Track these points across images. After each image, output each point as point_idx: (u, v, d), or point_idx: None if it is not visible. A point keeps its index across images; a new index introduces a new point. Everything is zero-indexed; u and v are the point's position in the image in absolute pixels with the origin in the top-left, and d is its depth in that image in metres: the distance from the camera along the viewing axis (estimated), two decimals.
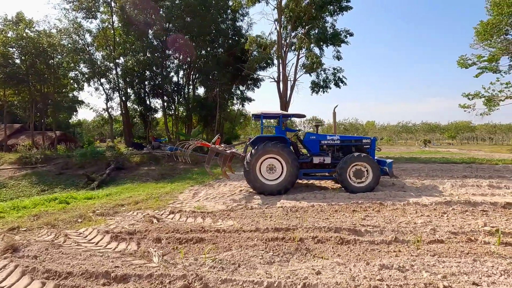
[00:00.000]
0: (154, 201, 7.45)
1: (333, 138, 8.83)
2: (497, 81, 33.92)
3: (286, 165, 8.03)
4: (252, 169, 7.99)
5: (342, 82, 15.99)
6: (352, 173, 7.94)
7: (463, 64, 37.31)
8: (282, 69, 14.91)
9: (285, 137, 8.59)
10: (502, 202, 5.96)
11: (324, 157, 8.50)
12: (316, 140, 8.80)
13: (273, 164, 8.16)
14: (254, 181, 8.03)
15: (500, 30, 34.23)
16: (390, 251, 3.77)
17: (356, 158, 7.90)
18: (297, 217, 5.46)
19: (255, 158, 7.98)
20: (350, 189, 7.86)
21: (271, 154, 8.08)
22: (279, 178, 8.09)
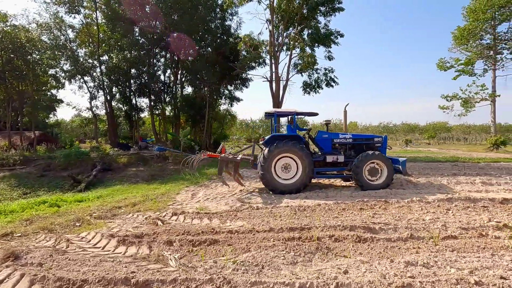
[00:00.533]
0: (152, 203, 7.18)
1: (346, 137, 8.81)
2: (473, 83, 35.93)
3: (301, 164, 7.94)
4: (267, 168, 7.83)
5: (334, 82, 16.22)
6: (367, 171, 8.02)
7: (442, 66, 39.20)
8: (275, 69, 14.89)
9: (299, 136, 8.52)
10: (499, 198, 6.19)
11: (338, 155, 8.49)
12: (328, 138, 8.73)
13: (288, 163, 8.06)
14: (269, 180, 7.86)
15: (476, 35, 36.22)
16: (410, 248, 3.78)
17: (371, 156, 7.96)
18: (306, 216, 5.41)
19: (270, 157, 7.83)
20: (365, 186, 7.94)
21: (286, 153, 7.97)
22: (294, 177, 7.99)
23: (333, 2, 13.94)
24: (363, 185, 7.95)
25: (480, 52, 36.64)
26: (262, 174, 7.88)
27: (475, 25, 35.85)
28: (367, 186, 7.92)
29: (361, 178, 7.93)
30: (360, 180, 7.94)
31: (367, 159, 7.96)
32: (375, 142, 8.89)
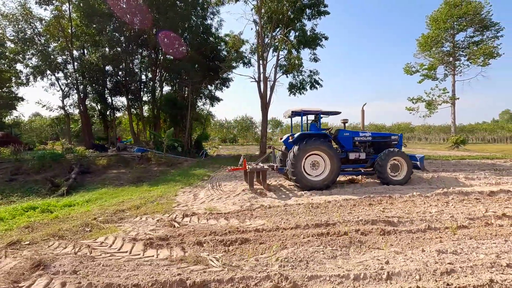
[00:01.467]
0: (155, 205, 6.95)
1: (365, 135, 9.15)
2: (436, 87, 38.89)
3: (329, 161, 8.17)
4: (297, 165, 7.97)
5: (318, 84, 16.73)
6: (390, 167, 8.47)
7: (408, 71, 41.93)
8: (262, 70, 15.03)
9: (327, 134, 8.70)
10: (487, 191, 6.84)
11: (359, 153, 8.84)
12: (349, 136, 9.00)
13: (316, 160, 8.29)
14: (300, 177, 8.00)
15: (438, 43, 39.19)
16: (433, 238, 4.08)
17: (394, 154, 8.47)
18: (322, 212, 5.58)
19: (300, 155, 7.96)
20: (388, 181, 8.39)
21: (315, 150, 8.16)
22: (322, 174, 8.23)
23: (319, 6, 14.42)
24: (385, 180, 8.40)
25: (441, 58, 39.77)
26: (292, 172, 7.98)
27: (437, 33, 38.86)
28: (389, 181, 8.38)
29: (384, 174, 8.37)
30: (383, 176, 8.38)
31: (390, 156, 8.42)
32: (392, 140, 9.34)
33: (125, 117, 29.27)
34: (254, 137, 75.29)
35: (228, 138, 72.75)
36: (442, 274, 2.96)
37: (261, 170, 8.50)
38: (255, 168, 8.41)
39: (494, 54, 35.60)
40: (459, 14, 37.29)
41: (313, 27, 15.02)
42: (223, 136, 72.15)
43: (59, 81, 20.47)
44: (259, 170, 8.53)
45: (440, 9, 39.37)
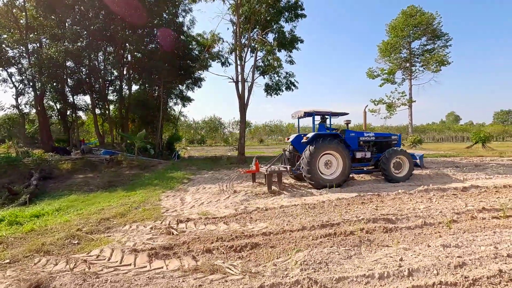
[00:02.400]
0: (142, 212, 6.53)
1: (369, 135, 9.66)
2: (395, 90, 41.77)
3: (342, 160, 8.47)
4: (313, 164, 8.15)
5: (293, 85, 17.04)
6: (393, 165, 8.99)
7: (371, 75, 44.49)
8: (240, 70, 14.91)
9: (339, 134, 8.98)
10: (460, 187, 7.47)
11: (365, 152, 9.31)
12: (355, 137, 9.34)
13: (329, 159, 8.58)
14: (315, 176, 8.20)
15: (396, 49, 42.10)
16: (432, 233, 4.34)
17: (397, 152, 9.05)
18: (320, 213, 5.66)
19: (316, 154, 8.15)
20: (392, 178, 8.93)
21: (329, 150, 8.42)
22: (335, 172, 8.53)
23: (296, 9, 14.70)
24: (390, 177, 8.94)
25: (400, 64, 42.85)
26: (308, 170, 8.13)
27: (395, 40, 41.82)
28: (393, 178, 8.92)
29: (389, 171, 8.91)
30: (388, 173, 8.92)
31: (394, 155, 8.98)
32: (392, 139, 9.93)
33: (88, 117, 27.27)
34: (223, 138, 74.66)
35: (195, 139, 71.27)
36: (456, 268, 3.15)
37: (277, 172, 8.44)
38: (273, 170, 8.37)
39: (445, 62, 39.20)
40: (414, 24, 40.50)
41: (292, 29, 15.34)
42: (190, 137, 70.49)
43: (12, 77, 18.41)
44: (278, 172, 8.46)
45: (398, 18, 42.39)
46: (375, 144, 9.92)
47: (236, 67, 15.05)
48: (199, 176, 12.42)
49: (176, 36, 22.24)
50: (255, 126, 77.28)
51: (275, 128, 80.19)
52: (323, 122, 9.53)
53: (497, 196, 6.68)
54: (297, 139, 9.44)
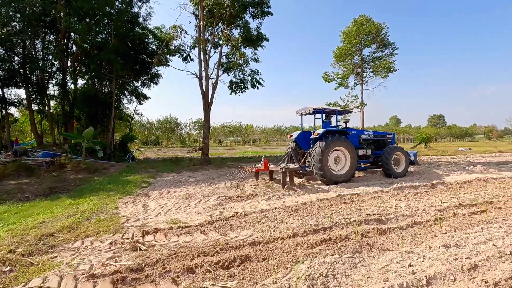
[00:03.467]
0: (96, 223, 5.46)
1: (369, 133, 10.06)
2: (349, 94, 44.14)
3: (350, 156, 8.70)
4: (324, 161, 8.14)
5: (259, 83, 16.63)
6: (393, 161, 9.50)
7: (327, 79, 46.31)
8: (204, 66, 14.01)
9: (347, 131, 9.19)
10: (429, 184, 7.71)
11: (366, 149, 9.65)
12: (356, 135, 9.54)
13: (338, 156, 8.76)
14: (326, 172, 8.23)
15: (350, 55, 44.52)
16: (427, 233, 4.18)
17: (396, 149, 9.70)
18: (305, 216, 5.25)
19: (327, 150, 8.20)
20: (391, 174, 9.40)
21: (338, 146, 8.56)
22: (343, 168, 8.71)
23: (262, 6, 14.32)
24: (390, 173, 9.41)
25: (352, 69, 45.46)
26: (320, 167, 8.14)
27: (349, 46, 44.25)
28: (393, 173, 9.39)
29: (390, 167, 9.38)
30: (389, 168, 9.39)
31: (393, 152, 9.52)
32: (388, 138, 10.46)
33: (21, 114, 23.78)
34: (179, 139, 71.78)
35: (150, 140, 67.38)
36: (470, 271, 2.93)
37: (289, 170, 8.21)
38: (288, 168, 8.20)
39: (391, 69, 42.55)
40: (365, 32, 43.25)
41: (258, 25, 14.90)
42: (144, 138, 66.46)
43: None
44: (292, 169, 8.31)
45: (351, 25, 44.93)
46: (374, 142, 10.27)
47: (199, 62, 14.16)
48: (160, 179, 11.30)
49: (130, 28, 20.46)
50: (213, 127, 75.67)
51: (234, 129, 79.53)
52: (328, 120, 9.78)
53: (463, 192, 7.00)
54: (301, 136, 9.57)
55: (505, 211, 5.15)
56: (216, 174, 11.41)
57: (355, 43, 44.23)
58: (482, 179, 8.46)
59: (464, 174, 10.03)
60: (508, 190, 7.13)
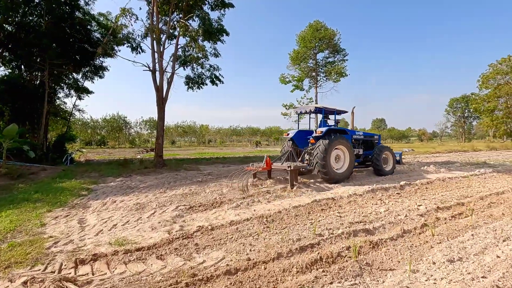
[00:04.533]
0: (6, 251, 4.05)
1: (360, 134, 10.41)
2: (304, 96, 45.30)
3: (349, 155, 8.90)
4: (327, 159, 8.18)
5: (219, 80, 15.54)
6: (382, 160, 9.97)
7: (283, 80, 47.01)
8: (158, 58, 12.52)
9: (346, 130, 9.49)
10: (398, 185, 7.60)
11: (358, 149, 10.04)
12: (349, 135, 9.66)
13: (338, 154, 8.89)
14: (329, 170, 8.26)
15: (305, 59, 45.77)
16: (422, 244, 3.74)
17: (385, 149, 10.22)
18: (283, 228, 4.53)
19: (329, 148, 8.23)
20: (382, 172, 9.89)
21: (339, 144, 8.66)
22: (343, 167, 8.86)
23: None
24: (381, 171, 9.88)
25: (307, 73, 46.81)
26: (323, 165, 8.11)
27: (304, 50, 45.45)
28: (383, 171, 9.89)
29: (381, 165, 9.88)
30: (380, 167, 9.87)
31: (383, 151, 10.02)
32: (375, 139, 10.93)
33: None
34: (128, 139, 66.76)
35: (94, 140, 61.40)
36: None
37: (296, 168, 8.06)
38: (297, 166, 8.16)
39: (343, 74, 44.76)
40: (320, 37, 44.88)
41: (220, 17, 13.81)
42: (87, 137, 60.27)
43: None
44: (299, 168, 8.29)
45: (306, 30, 46.23)
46: (363, 142, 10.59)
47: (152, 54, 12.65)
48: (103, 185, 9.64)
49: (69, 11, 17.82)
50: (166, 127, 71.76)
51: (188, 129, 76.66)
52: (326, 119, 10.02)
53: (430, 193, 6.99)
54: (298, 135, 9.70)
55: (481, 214, 5.07)
56: (172, 178, 10.16)
57: (310, 47, 45.65)
58: (441, 179, 8.71)
59: (429, 174, 10.37)
60: (469, 190, 7.33)
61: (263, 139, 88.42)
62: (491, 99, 37.95)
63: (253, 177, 8.84)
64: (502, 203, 5.95)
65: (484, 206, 5.65)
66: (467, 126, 78.43)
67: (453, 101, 79.78)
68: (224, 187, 8.04)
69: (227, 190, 7.61)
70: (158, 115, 12.91)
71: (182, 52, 14.51)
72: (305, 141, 9.63)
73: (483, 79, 39.91)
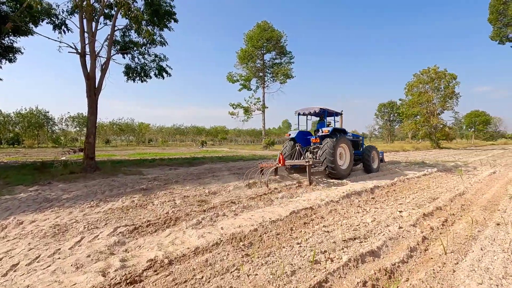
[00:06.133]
0: None
1: (349, 135, 10.90)
2: (252, 96, 44.97)
3: (349, 153, 9.75)
4: (335, 156, 8.83)
5: (166, 72, 13.58)
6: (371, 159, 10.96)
7: (231, 79, 46.11)
8: (90, 37, 10.19)
9: (345, 130, 10.18)
10: (368, 188, 7.20)
11: None
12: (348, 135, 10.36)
13: (341, 152, 9.58)
14: (337, 167, 8.85)
15: (252, 58, 45.49)
16: (442, 267, 3.07)
17: (373, 149, 11.26)
18: (267, 253, 3.46)
19: (336, 146, 8.87)
20: (371, 169, 10.82)
21: (343, 143, 9.44)
22: (344, 164, 9.57)
23: None
24: (370, 169, 10.80)
25: (255, 72, 46.64)
26: (331, 160, 8.72)
27: (252, 50, 45.13)
28: (372, 169, 10.85)
29: (370, 164, 10.81)
30: (369, 165, 10.79)
31: (371, 151, 11.02)
32: (360, 140, 11.72)
33: None
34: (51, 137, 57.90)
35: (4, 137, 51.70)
36: None
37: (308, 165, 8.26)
38: (315, 161, 8.85)
39: (289, 76, 45.74)
40: (267, 37, 45.09)
41: None
42: None
43: None
44: (316, 162, 8.94)
45: (254, 29, 45.98)
46: (352, 142, 10.94)
47: (81, 33, 10.29)
48: (8, 197, 7.21)
49: None
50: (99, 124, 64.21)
51: (126, 127, 70.14)
52: (322, 120, 10.81)
53: (401, 196, 6.72)
54: (300, 135, 10.28)
55: (464, 219, 4.77)
56: (107, 186, 8.24)
57: (258, 47, 45.67)
58: (402, 180, 8.72)
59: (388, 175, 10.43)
60: (431, 191, 7.31)
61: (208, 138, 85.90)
62: (415, 105, 42.88)
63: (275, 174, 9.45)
64: (470, 204, 5.90)
65: (459, 209, 5.47)
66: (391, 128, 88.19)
67: (381, 106, 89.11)
68: (177, 197, 6.62)
69: (180, 201, 6.22)
70: (88, 109, 10.60)
71: (121, 36, 12.33)
72: (305, 141, 10.39)
73: (408, 87, 44.92)
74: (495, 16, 25.62)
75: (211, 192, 7.10)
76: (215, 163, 15.30)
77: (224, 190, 7.41)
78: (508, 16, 24.19)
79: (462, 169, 11.90)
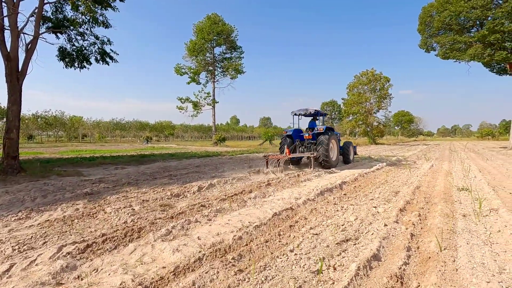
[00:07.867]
0: None
1: (336, 133, 12.32)
2: (202, 90, 43.44)
3: (337, 147, 11.65)
4: (329, 150, 10.78)
5: (110, 57, 11.74)
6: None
7: (179, 71, 43.81)
8: (9, 8, 8.12)
9: (333, 128, 12.37)
10: (336, 184, 7.19)
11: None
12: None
13: (331, 146, 11.14)
14: (330, 158, 10.72)
15: (202, 51, 43.88)
16: (444, 265, 2.99)
17: (350, 144, 13.41)
18: (263, 268, 2.98)
19: (329, 141, 10.82)
20: (348, 161, 13.02)
21: (333, 139, 11.27)
22: (334, 156, 11.28)
23: None
24: (348, 161, 13.00)
25: (204, 66, 45.03)
26: (326, 155, 10.60)
27: (202, 42, 43.39)
28: (349, 161, 13.02)
29: (348, 156, 12.97)
30: (348, 157, 12.94)
31: (349, 146, 13.21)
32: (338, 136, 12.71)
33: None
34: None
35: None
36: None
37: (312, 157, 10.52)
38: (318, 153, 10.69)
39: (240, 71, 45.27)
40: (218, 31, 43.85)
41: None
42: None
43: None
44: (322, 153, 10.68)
45: (204, 21, 44.26)
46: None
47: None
48: None
49: None
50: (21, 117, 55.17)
51: (53, 120, 61.96)
52: (314, 120, 12.79)
53: (367, 191, 6.85)
54: (296, 132, 12.20)
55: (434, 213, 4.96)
56: (38, 191, 6.73)
57: (208, 40, 44.16)
58: (362, 175, 9.03)
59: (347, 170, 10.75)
60: (392, 185, 7.66)
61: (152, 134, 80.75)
62: (355, 104, 46.41)
63: (266, 166, 10.57)
64: (430, 197, 6.26)
65: (424, 202, 5.72)
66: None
67: (324, 105, 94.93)
68: (134, 202, 5.67)
69: (140, 207, 5.33)
70: (9, 97, 8.61)
71: (53, 12, 10.31)
72: (298, 137, 12.18)
73: (349, 87, 48.37)
74: (423, 27, 28.93)
75: (174, 194, 6.29)
76: (167, 161, 14.12)
77: (188, 191, 6.66)
78: (434, 28, 27.49)
79: (408, 164, 13.02)
